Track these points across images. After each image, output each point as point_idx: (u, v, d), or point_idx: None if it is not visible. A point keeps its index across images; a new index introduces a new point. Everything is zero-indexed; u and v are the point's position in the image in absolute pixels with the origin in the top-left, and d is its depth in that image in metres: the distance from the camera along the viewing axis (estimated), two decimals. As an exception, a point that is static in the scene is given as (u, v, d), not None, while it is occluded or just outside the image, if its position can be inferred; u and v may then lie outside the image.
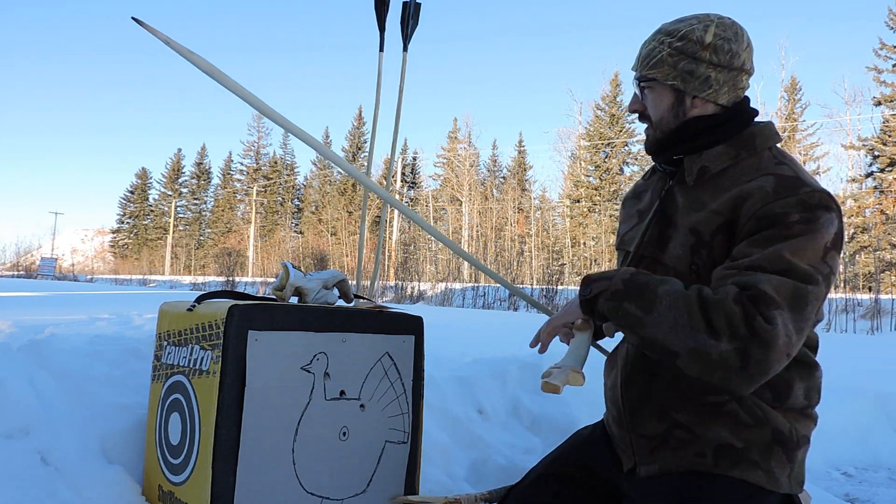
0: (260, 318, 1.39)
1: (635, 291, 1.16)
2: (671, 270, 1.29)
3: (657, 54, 1.31)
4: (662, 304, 1.12)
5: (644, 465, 1.29)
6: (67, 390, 1.86)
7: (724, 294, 1.10)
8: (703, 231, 1.26)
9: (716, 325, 1.08)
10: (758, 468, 1.22)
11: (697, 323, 1.09)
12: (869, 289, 17.01)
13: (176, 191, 54.22)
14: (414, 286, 24.13)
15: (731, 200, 1.22)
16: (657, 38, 1.33)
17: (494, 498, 1.62)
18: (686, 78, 1.30)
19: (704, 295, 1.12)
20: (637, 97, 1.39)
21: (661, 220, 1.36)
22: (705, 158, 1.31)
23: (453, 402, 2.42)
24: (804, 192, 1.17)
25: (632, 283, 1.18)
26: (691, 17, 1.33)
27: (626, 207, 1.55)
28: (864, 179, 30.11)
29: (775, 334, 1.06)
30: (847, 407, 3.35)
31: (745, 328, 1.07)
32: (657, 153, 1.39)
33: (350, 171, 1.47)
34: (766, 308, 1.07)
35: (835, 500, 2.35)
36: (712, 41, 1.28)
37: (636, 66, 1.37)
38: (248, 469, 1.36)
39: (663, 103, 1.34)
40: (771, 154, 1.29)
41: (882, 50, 29.30)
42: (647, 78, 1.34)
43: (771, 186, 1.19)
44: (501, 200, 39.71)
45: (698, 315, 1.09)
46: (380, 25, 2.37)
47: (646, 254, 1.37)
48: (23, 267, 42.07)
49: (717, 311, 1.08)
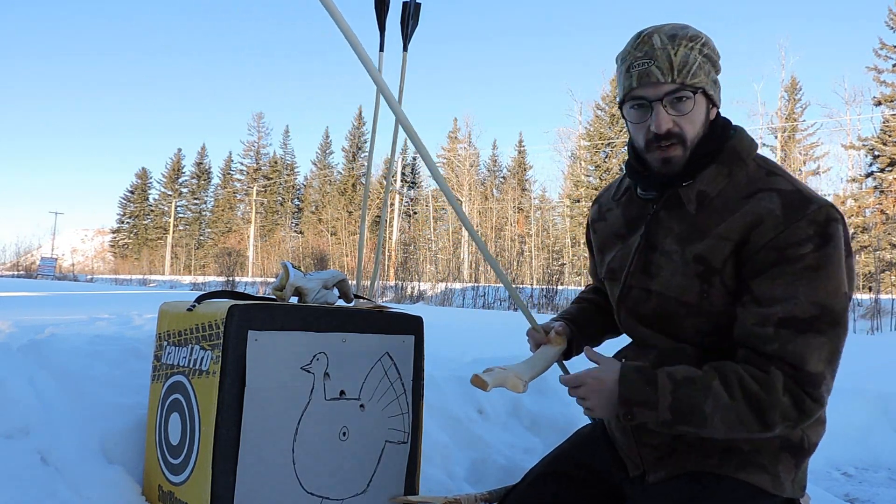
0: (260, 318, 1.39)
1: (684, 417, 1.14)
2: (667, 300, 1.27)
3: (694, 61, 1.20)
4: (715, 420, 1.13)
5: (652, 473, 1.29)
6: (67, 390, 1.86)
7: (771, 385, 1.12)
8: (712, 259, 1.22)
9: (770, 422, 1.13)
10: (765, 472, 1.22)
11: (752, 427, 1.13)
12: (869, 289, 17.02)
13: (176, 191, 54.22)
14: (414, 286, 24.14)
15: (741, 225, 1.19)
16: (684, 45, 1.20)
17: (494, 498, 1.62)
18: (714, 87, 1.25)
19: (752, 394, 1.12)
20: (666, 115, 1.21)
21: (647, 247, 1.32)
22: (701, 182, 1.25)
23: (453, 402, 2.42)
24: (812, 211, 1.15)
25: (679, 410, 1.14)
26: (681, 24, 1.26)
27: (598, 232, 1.50)
28: (864, 179, 30.10)
29: (820, 409, 1.14)
30: (847, 407, 3.35)
31: (797, 413, 1.13)
32: (681, 177, 1.26)
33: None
34: (815, 388, 1.12)
35: (835, 500, 2.35)
36: (717, 49, 1.26)
37: (668, 76, 1.19)
38: (248, 469, 1.36)
39: (702, 115, 1.24)
40: (757, 164, 1.26)
41: (882, 50, 29.29)
42: (695, 87, 1.20)
43: (779, 209, 1.17)
44: (501, 200, 39.72)
45: (752, 421, 1.13)
46: (380, 25, 2.37)
47: (633, 283, 1.34)
48: (23, 267, 42.07)
49: (771, 410, 1.12)
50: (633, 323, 1.36)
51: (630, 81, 1.23)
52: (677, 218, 1.29)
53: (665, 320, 1.30)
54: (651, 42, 1.21)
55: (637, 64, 1.22)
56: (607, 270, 1.43)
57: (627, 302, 1.36)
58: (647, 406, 1.14)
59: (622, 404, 1.16)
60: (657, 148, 1.24)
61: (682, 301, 1.25)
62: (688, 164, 1.25)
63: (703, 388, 1.14)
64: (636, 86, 1.22)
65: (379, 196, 35.89)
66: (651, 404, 1.14)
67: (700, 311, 1.24)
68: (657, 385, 1.15)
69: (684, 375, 1.16)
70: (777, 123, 32.28)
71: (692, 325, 1.26)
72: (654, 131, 1.22)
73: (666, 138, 1.22)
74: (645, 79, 1.21)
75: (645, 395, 1.15)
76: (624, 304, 1.37)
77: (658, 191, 1.31)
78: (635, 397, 1.15)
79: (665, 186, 1.29)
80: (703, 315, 1.24)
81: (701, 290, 1.23)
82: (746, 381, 1.13)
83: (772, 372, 1.13)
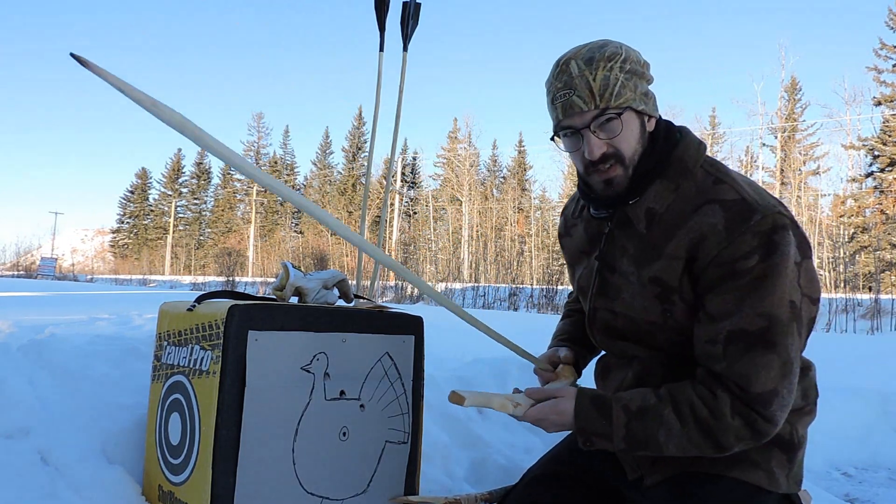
0: (260, 318, 1.39)
1: (639, 446, 1.19)
2: (634, 320, 1.27)
3: (615, 82, 1.18)
4: (669, 447, 1.17)
5: (650, 476, 1.29)
6: (67, 390, 1.86)
7: (719, 410, 1.13)
8: (667, 279, 1.21)
9: (724, 445, 1.15)
10: (758, 468, 1.22)
11: (706, 450, 1.16)
12: (869, 289, 17.02)
13: (176, 191, 54.24)
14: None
15: (687, 242, 1.18)
16: (602, 67, 1.18)
17: (494, 498, 1.62)
18: (646, 100, 1.23)
19: (702, 420, 1.14)
20: (597, 140, 1.21)
21: (604, 268, 1.33)
22: (648, 200, 1.24)
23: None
24: (755, 221, 1.14)
25: (633, 440, 1.19)
26: (598, 42, 1.23)
27: (565, 248, 1.50)
28: (864, 179, 30.12)
29: (773, 428, 1.15)
30: (847, 407, 3.35)
31: (750, 433, 1.14)
32: (627, 196, 1.25)
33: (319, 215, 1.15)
34: (765, 408, 1.12)
35: (835, 500, 2.35)
36: (643, 59, 1.24)
37: (590, 103, 1.18)
38: (248, 469, 1.36)
39: (635, 132, 1.23)
40: (705, 172, 1.24)
41: (882, 50, 29.30)
42: (620, 108, 1.19)
43: (721, 223, 1.15)
44: (501, 200, 39.72)
45: (705, 445, 1.15)
46: (380, 25, 2.37)
47: (598, 305, 1.35)
48: (23, 267, 42.07)
49: (722, 434, 1.14)
50: (610, 341, 1.37)
51: (557, 113, 1.24)
52: (629, 237, 1.28)
53: (638, 336, 1.30)
54: (569, 70, 1.20)
55: (560, 95, 1.21)
56: (577, 288, 1.45)
57: (597, 323, 1.37)
58: (603, 437, 1.20)
59: (580, 433, 1.21)
60: (596, 171, 1.24)
61: (647, 321, 1.26)
62: (632, 182, 1.24)
63: (655, 417, 1.17)
64: (562, 117, 1.22)
65: (379, 196, 35.89)
66: (607, 436, 1.19)
67: (667, 327, 1.25)
68: (611, 418, 1.19)
69: (638, 406, 1.18)
70: (777, 123, 32.30)
71: (665, 338, 1.27)
72: (588, 158, 1.22)
73: (602, 161, 1.22)
74: (569, 110, 1.20)
75: (601, 428, 1.20)
76: (594, 324, 1.38)
77: (608, 210, 1.31)
78: (591, 429, 1.20)
79: (614, 206, 1.28)
80: (671, 329, 1.24)
81: (663, 310, 1.23)
82: (697, 408, 1.14)
83: (719, 396, 1.14)
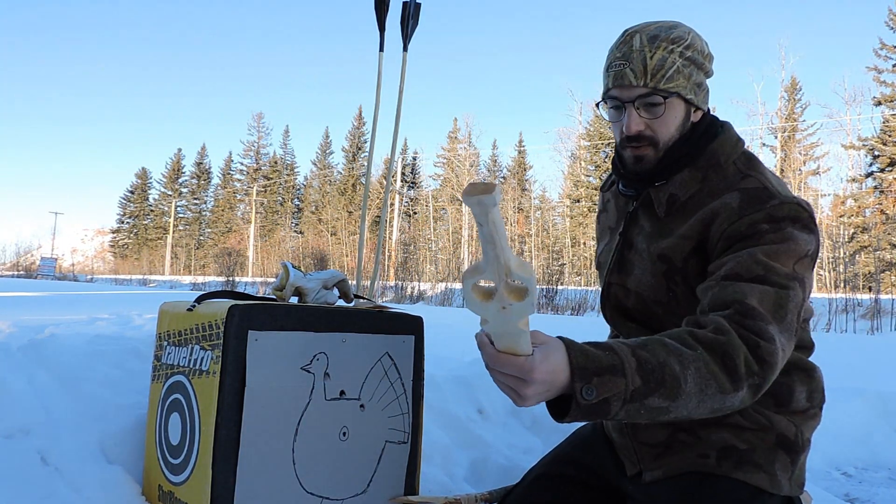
0: (260, 318, 1.39)
1: (655, 379, 0.94)
2: (643, 298, 1.28)
3: (672, 65, 1.19)
4: (688, 381, 0.96)
5: (649, 471, 1.29)
6: (67, 390, 1.86)
7: (723, 326, 1.01)
8: (673, 257, 1.22)
9: (737, 371, 0.99)
10: (761, 470, 1.22)
11: (723, 382, 0.98)
12: (869, 289, 17.02)
13: (176, 191, 54.27)
14: (414, 286, 24.15)
15: (699, 223, 1.20)
16: (663, 47, 1.19)
17: (494, 498, 1.62)
18: (696, 90, 1.23)
19: (710, 341, 1.00)
20: (637, 117, 1.22)
21: (624, 245, 1.35)
22: (672, 186, 1.25)
23: (453, 402, 2.42)
24: (772, 204, 1.13)
25: (649, 371, 0.94)
26: (670, 22, 1.24)
27: (600, 222, 1.53)
28: (864, 179, 30.12)
29: (776, 354, 1.02)
30: (847, 407, 3.36)
31: (757, 363, 1.00)
32: (654, 176, 1.26)
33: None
34: (763, 324, 1.02)
35: (835, 500, 2.35)
36: (708, 51, 1.25)
37: (641, 79, 1.19)
38: (248, 469, 1.36)
39: (677, 119, 1.23)
40: (736, 168, 1.25)
41: (882, 50, 29.31)
42: (668, 92, 1.19)
43: (736, 203, 1.15)
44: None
45: (722, 374, 0.98)
46: (380, 25, 2.37)
47: (613, 280, 1.36)
48: (23, 267, 42.08)
49: (736, 352, 0.99)
50: (620, 319, 1.39)
51: (608, 81, 1.25)
52: (649, 217, 1.30)
53: (646, 316, 1.32)
54: (631, 43, 1.21)
55: (615, 64, 1.22)
56: (596, 263, 1.47)
57: (611, 299, 1.39)
58: (611, 372, 0.92)
59: (581, 376, 0.91)
60: (630, 146, 1.26)
61: (654, 299, 1.27)
62: (661, 164, 1.25)
63: (660, 346, 0.98)
64: (612, 86, 1.23)
65: (379, 196, 35.90)
66: (616, 369, 0.92)
67: (672, 309, 1.26)
68: (615, 349, 0.95)
69: (634, 342, 0.98)
70: (777, 123, 32.30)
71: (671, 322, 1.26)
72: (625, 133, 1.24)
73: (637, 140, 1.24)
74: (619, 80, 1.21)
75: (607, 359, 0.93)
76: (608, 300, 1.40)
77: (636, 189, 1.32)
78: (595, 365, 0.92)
79: (642, 184, 1.30)
80: (676, 313, 1.25)
81: (668, 289, 1.25)
82: (697, 333, 1.01)
83: (713, 318, 1.03)
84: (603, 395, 0.92)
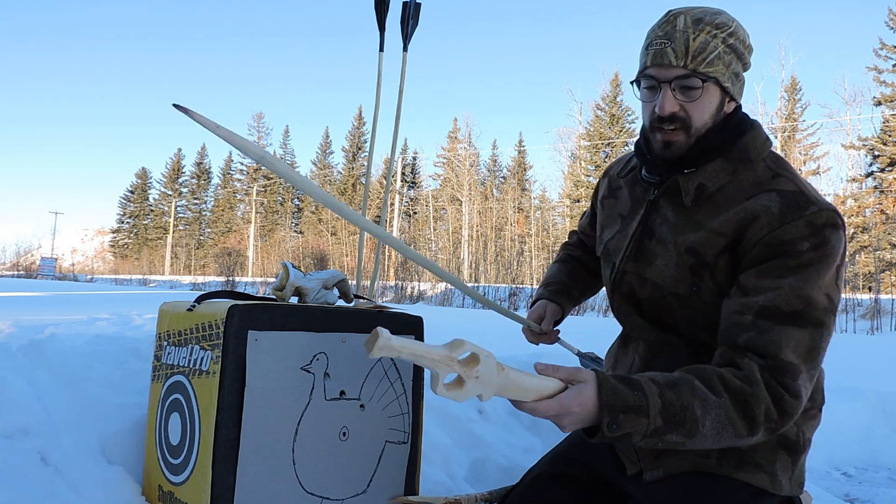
0: (260, 318, 1.39)
1: (676, 421, 1.03)
2: (661, 288, 1.26)
3: (713, 50, 1.17)
4: (706, 424, 1.05)
5: (650, 471, 1.28)
6: (67, 390, 1.86)
7: (753, 377, 1.07)
8: (703, 252, 1.21)
9: (756, 420, 1.07)
10: (762, 471, 1.22)
11: (739, 427, 1.07)
12: (869, 289, 17.02)
13: (176, 191, 54.26)
14: (414, 286, 24.14)
15: (736, 222, 1.18)
16: (706, 31, 1.17)
17: (494, 498, 1.62)
18: (734, 80, 1.21)
19: (736, 389, 1.07)
20: (672, 98, 1.20)
21: (644, 233, 1.32)
22: (702, 175, 1.23)
23: (453, 403, 2.42)
24: (811, 212, 1.13)
25: (671, 414, 1.03)
26: (714, 9, 1.21)
27: (605, 208, 1.49)
28: (864, 179, 30.12)
29: (800, 406, 1.10)
30: (847, 407, 3.36)
31: (777, 412, 1.08)
32: (684, 163, 1.24)
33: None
34: (792, 379, 1.08)
35: (835, 500, 2.35)
36: (749, 42, 1.22)
37: (681, 60, 1.17)
38: (248, 469, 1.36)
39: (712, 105, 1.21)
40: (766, 166, 1.24)
41: (882, 50, 29.30)
42: (706, 76, 1.18)
43: (777, 207, 1.15)
44: (501, 200, 39.71)
45: (739, 419, 1.06)
46: (380, 25, 2.37)
47: (627, 269, 1.34)
48: (23, 267, 42.09)
49: (756, 404, 1.06)
50: (629, 310, 1.36)
51: (646, 59, 1.22)
52: (673, 206, 1.28)
53: (659, 310, 1.30)
54: (675, 23, 1.19)
55: (655, 43, 1.20)
56: (603, 250, 1.43)
57: (622, 287, 1.36)
58: (635, 412, 1.02)
59: (609, 411, 1.01)
60: (660, 130, 1.23)
61: (674, 292, 1.25)
62: (690, 151, 1.23)
63: (688, 388, 1.05)
64: (650, 64, 1.21)
65: (379, 196, 35.89)
66: (641, 409, 1.02)
67: (690, 304, 1.24)
68: (643, 389, 1.04)
69: (665, 380, 1.06)
70: (777, 123, 32.28)
71: (684, 317, 1.26)
72: (658, 113, 1.21)
73: (670, 121, 1.21)
74: (658, 59, 1.19)
75: (634, 400, 1.02)
76: (618, 289, 1.37)
77: (660, 176, 1.29)
78: (621, 403, 1.01)
79: (668, 171, 1.27)
80: (694, 308, 1.24)
81: (692, 283, 1.23)
82: (727, 378, 1.08)
83: (745, 364, 1.09)
84: (626, 430, 1.02)
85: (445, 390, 0.93)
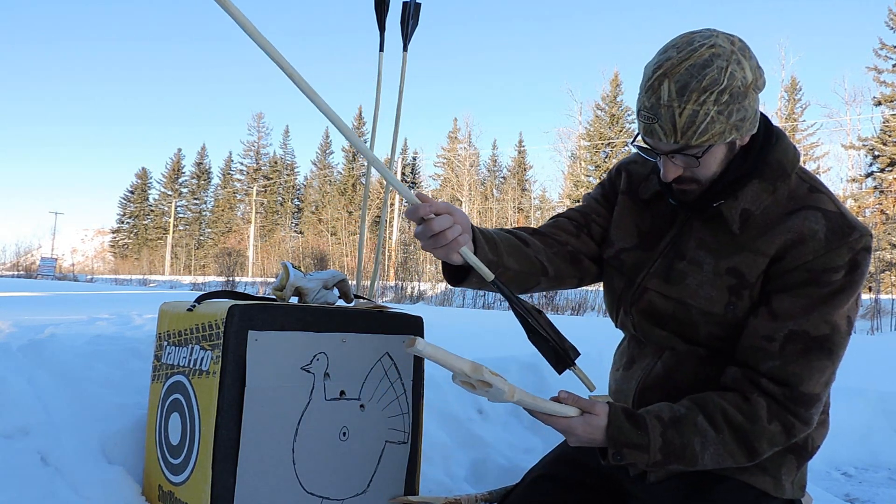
0: (260, 318, 1.39)
1: (675, 456, 1.15)
2: (689, 308, 1.24)
3: (704, 118, 1.08)
4: (705, 458, 1.15)
5: (654, 472, 1.28)
6: (67, 390, 1.86)
7: (755, 414, 1.14)
8: (746, 272, 1.20)
9: (758, 451, 1.16)
10: (766, 474, 1.22)
11: (739, 459, 1.16)
12: (869, 289, 17.00)
13: (176, 191, 54.27)
14: (414, 286, 24.15)
15: (781, 241, 1.17)
16: (693, 101, 1.08)
17: (494, 498, 1.62)
18: (740, 126, 1.13)
19: (737, 426, 1.15)
20: (673, 166, 1.17)
21: (675, 254, 1.29)
22: (744, 201, 1.20)
23: (453, 402, 2.42)
24: (854, 238, 1.15)
25: (670, 451, 1.15)
26: (703, 58, 1.08)
27: (619, 205, 1.42)
28: (864, 179, 30.13)
29: (809, 430, 1.17)
30: (847, 407, 3.35)
31: (785, 438, 1.16)
32: (714, 197, 1.22)
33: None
34: (807, 409, 1.15)
35: (835, 500, 2.35)
36: (753, 76, 1.11)
37: (671, 137, 1.11)
38: (248, 469, 1.36)
39: (717, 160, 1.17)
40: (799, 178, 1.23)
41: (882, 50, 29.31)
42: (702, 146, 1.12)
43: (823, 233, 1.15)
44: (501, 200, 39.71)
45: (739, 452, 1.15)
46: (380, 25, 2.37)
47: (650, 286, 1.30)
48: (23, 267, 42.08)
49: (757, 439, 1.15)
50: (648, 325, 1.33)
51: (639, 126, 1.18)
52: (714, 231, 1.24)
53: (682, 325, 1.27)
54: (659, 93, 1.10)
55: (643, 115, 1.15)
56: (616, 260, 1.38)
57: (640, 304, 1.32)
58: (638, 449, 1.15)
59: (613, 444, 1.15)
60: (670, 185, 1.24)
61: (705, 311, 1.23)
62: (715, 186, 1.20)
63: (690, 426, 1.15)
64: (643, 134, 1.17)
65: (379, 196, 35.88)
66: (642, 447, 1.15)
67: (718, 321, 1.23)
68: (647, 428, 1.15)
69: (670, 416, 1.17)
70: (777, 123, 32.28)
71: (707, 332, 1.25)
72: (662, 179, 1.20)
73: (677, 182, 1.21)
74: (649, 134, 1.15)
75: (637, 439, 1.15)
76: (636, 305, 1.33)
77: (690, 205, 1.26)
78: (625, 440, 1.15)
79: (699, 208, 1.24)
80: (720, 325, 1.23)
81: (728, 302, 1.21)
82: (730, 414, 1.15)
83: (754, 401, 1.15)
84: (629, 461, 1.16)
85: (459, 384, 1.10)
